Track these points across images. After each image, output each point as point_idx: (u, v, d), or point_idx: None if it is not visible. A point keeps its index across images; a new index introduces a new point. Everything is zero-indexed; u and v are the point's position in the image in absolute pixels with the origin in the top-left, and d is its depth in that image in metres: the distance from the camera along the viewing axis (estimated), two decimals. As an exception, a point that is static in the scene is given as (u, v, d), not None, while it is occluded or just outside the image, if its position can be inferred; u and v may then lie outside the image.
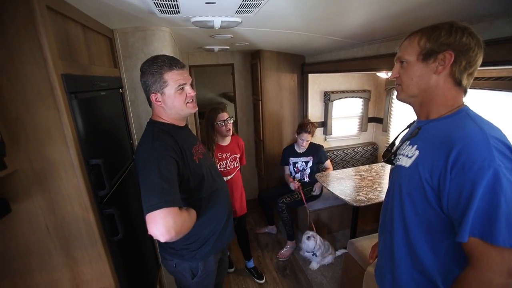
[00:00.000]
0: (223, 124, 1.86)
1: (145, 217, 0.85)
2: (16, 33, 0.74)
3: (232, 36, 1.90)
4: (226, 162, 1.97)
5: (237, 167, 2.06)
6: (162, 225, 0.83)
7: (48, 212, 0.89)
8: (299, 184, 2.60)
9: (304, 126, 2.53)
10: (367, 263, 1.63)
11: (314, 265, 2.36)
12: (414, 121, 0.96)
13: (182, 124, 1.15)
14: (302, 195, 2.52)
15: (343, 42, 1.98)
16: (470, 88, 0.77)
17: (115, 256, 1.07)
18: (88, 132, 0.97)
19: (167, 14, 1.20)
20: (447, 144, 0.68)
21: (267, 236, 2.89)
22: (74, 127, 0.87)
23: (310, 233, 2.37)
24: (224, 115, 1.87)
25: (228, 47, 2.50)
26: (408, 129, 0.98)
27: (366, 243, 1.83)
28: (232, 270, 2.40)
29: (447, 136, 0.70)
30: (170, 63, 1.00)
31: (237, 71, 3.10)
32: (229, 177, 1.99)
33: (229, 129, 1.90)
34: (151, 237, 1.71)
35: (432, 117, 0.80)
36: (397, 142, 0.99)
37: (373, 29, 1.51)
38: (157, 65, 0.99)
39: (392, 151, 0.97)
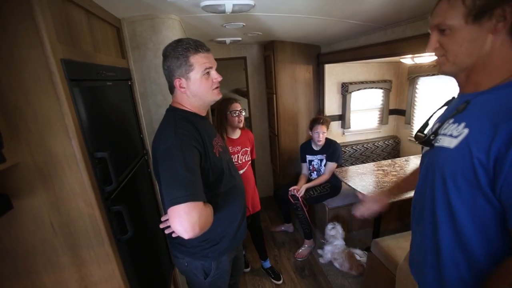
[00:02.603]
0: (235, 114, 1.80)
1: (168, 210, 0.79)
2: (11, 13, 0.68)
3: (244, 24, 1.80)
4: (238, 156, 1.90)
5: (248, 161, 1.98)
6: (186, 220, 0.77)
7: (53, 209, 0.83)
8: (300, 194, 2.39)
9: (316, 119, 2.42)
10: (394, 264, 1.50)
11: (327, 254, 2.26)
12: (454, 98, 0.83)
13: (204, 113, 1.08)
14: (301, 202, 2.36)
15: (364, 26, 1.83)
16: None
17: (124, 256, 1.00)
18: (92, 123, 0.91)
19: (175, -3, 1.12)
20: (506, 121, 0.57)
21: (283, 234, 2.78)
22: (76, 117, 0.81)
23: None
24: (237, 106, 1.82)
25: (240, 39, 2.40)
26: (446, 107, 0.85)
27: (392, 243, 1.70)
28: (248, 270, 2.32)
29: (510, 108, 0.59)
30: (196, 45, 0.94)
31: (250, 64, 3.00)
32: (241, 172, 1.91)
33: (241, 120, 1.84)
34: (164, 235, 1.66)
35: (482, 88, 0.67)
36: (431, 123, 0.87)
37: (401, 6, 1.37)
38: (182, 48, 0.93)
39: (426, 132, 0.85)
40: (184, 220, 0.77)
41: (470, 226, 0.68)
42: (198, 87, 0.97)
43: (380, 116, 3.12)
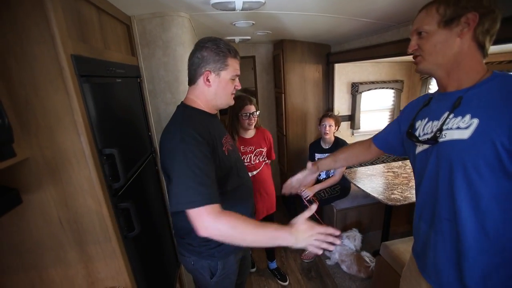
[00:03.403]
0: (247, 117, 1.75)
1: (187, 212, 0.82)
2: (22, 8, 0.68)
3: (254, 22, 1.79)
4: (250, 157, 1.85)
5: (263, 161, 1.92)
6: (209, 222, 0.81)
7: (61, 204, 0.84)
8: (309, 196, 2.33)
9: (325, 113, 2.42)
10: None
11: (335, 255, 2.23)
12: (431, 97, 0.89)
13: (214, 112, 1.09)
14: (308, 205, 2.29)
15: (376, 24, 1.79)
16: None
17: (131, 253, 1.00)
18: (102, 119, 0.91)
19: (185, -7, 1.11)
20: None
21: (290, 235, 2.75)
22: (85, 113, 0.81)
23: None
24: (251, 108, 1.75)
25: (249, 37, 2.39)
26: (425, 106, 0.90)
27: (402, 246, 1.65)
28: (253, 270, 2.30)
29: (506, 94, 0.67)
30: (235, 50, 1.01)
31: (259, 63, 2.98)
32: (254, 172, 1.86)
33: (252, 123, 1.78)
34: (170, 233, 1.66)
35: (466, 85, 0.76)
36: (417, 124, 0.90)
37: (415, 2, 1.32)
38: (224, 46, 0.97)
39: (416, 133, 0.88)
40: (207, 222, 0.80)
41: (497, 213, 0.71)
42: (223, 87, 1.00)
43: (390, 117, 3.06)
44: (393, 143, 1.07)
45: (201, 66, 0.97)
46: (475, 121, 0.71)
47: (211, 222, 0.80)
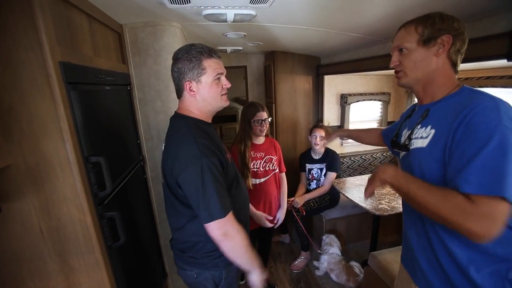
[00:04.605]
0: (259, 123, 1.73)
1: (205, 225, 0.89)
2: (11, 14, 0.68)
3: (245, 34, 1.82)
4: (260, 163, 1.81)
5: (273, 170, 1.88)
6: (231, 229, 0.91)
7: (42, 213, 0.81)
8: (298, 205, 2.35)
9: (315, 124, 2.43)
10: (392, 278, 1.46)
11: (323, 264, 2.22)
12: (414, 109, 0.96)
13: (210, 120, 1.07)
14: (301, 213, 2.32)
15: (363, 39, 1.86)
16: (485, 86, 0.78)
17: (115, 264, 0.97)
18: (88, 127, 0.90)
19: (177, 4, 1.13)
20: (461, 111, 0.71)
21: (279, 245, 2.73)
22: (71, 120, 0.80)
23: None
24: (263, 115, 1.74)
25: (241, 48, 2.43)
26: (408, 118, 0.97)
27: (390, 256, 1.66)
28: (242, 282, 2.26)
29: (461, 106, 0.72)
30: (209, 50, 0.96)
31: (250, 73, 3.02)
32: (262, 180, 1.82)
33: (264, 130, 1.76)
34: (158, 243, 1.63)
35: (437, 98, 0.83)
36: (403, 133, 0.98)
37: (400, 22, 1.38)
38: (196, 51, 0.93)
39: (400, 140, 0.96)
40: (229, 230, 0.90)
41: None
42: (208, 91, 0.96)
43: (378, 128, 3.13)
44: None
45: (181, 78, 0.95)
46: (433, 131, 0.79)
47: (235, 230, 0.91)
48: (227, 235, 0.89)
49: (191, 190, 0.88)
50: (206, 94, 0.96)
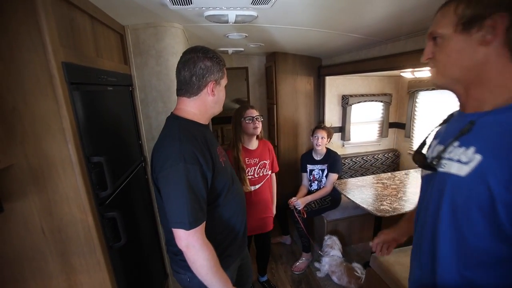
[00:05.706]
0: (251, 121, 1.67)
1: (173, 230, 0.86)
2: (14, 15, 0.69)
3: (246, 35, 1.83)
4: (255, 169, 1.78)
5: (266, 175, 1.86)
6: (196, 243, 0.86)
7: (44, 213, 0.82)
8: (300, 206, 2.34)
9: (317, 125, 2.43)
10: (394, 280, 1.46)
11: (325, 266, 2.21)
12: (453, 114, 0.74)
13: (207, 122, 1.05)
14: (302, 215, 2.31)
15: (365, 40, 1.86)
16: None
17: (116, 265, 0.97)
18: (91, 127, 0.90)
19: (179, 5, 1.13)
20: None
21: (281, 246, 2.73)
22: (74, 120, 0.80)
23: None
24: (253, 112, 1.69)
25: (242, 49, 2.44)
26: (444, 124, 0.76)
27: (392, 258, 1.65)
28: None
29: None
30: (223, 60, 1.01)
31: (252, 74, 3.03)
32: (257, 186, 1.79)
33: (257, 127, 1.69)
34: (159, 244, 1.63)
35: (487, 107, 0.59)
36: (428, 142, 0.80)
37: (401, 23, 1.39)
38: (219, 56, 0.96)
39: (426, 152, 0.77)
40: (191, 241, 0.85)
41: (481, 269, 0.60)
42: (222, 95, 1.01)
43: (380, 129, 3.13)
44: None
45: (206, 76, 0.92)
46: (478, 158, 0.57)
47: (197, 247, 0.86)
48: (189, 248, 0.86)
49: (164, 192, 0.86)
50: (221, 97, 1.00)
